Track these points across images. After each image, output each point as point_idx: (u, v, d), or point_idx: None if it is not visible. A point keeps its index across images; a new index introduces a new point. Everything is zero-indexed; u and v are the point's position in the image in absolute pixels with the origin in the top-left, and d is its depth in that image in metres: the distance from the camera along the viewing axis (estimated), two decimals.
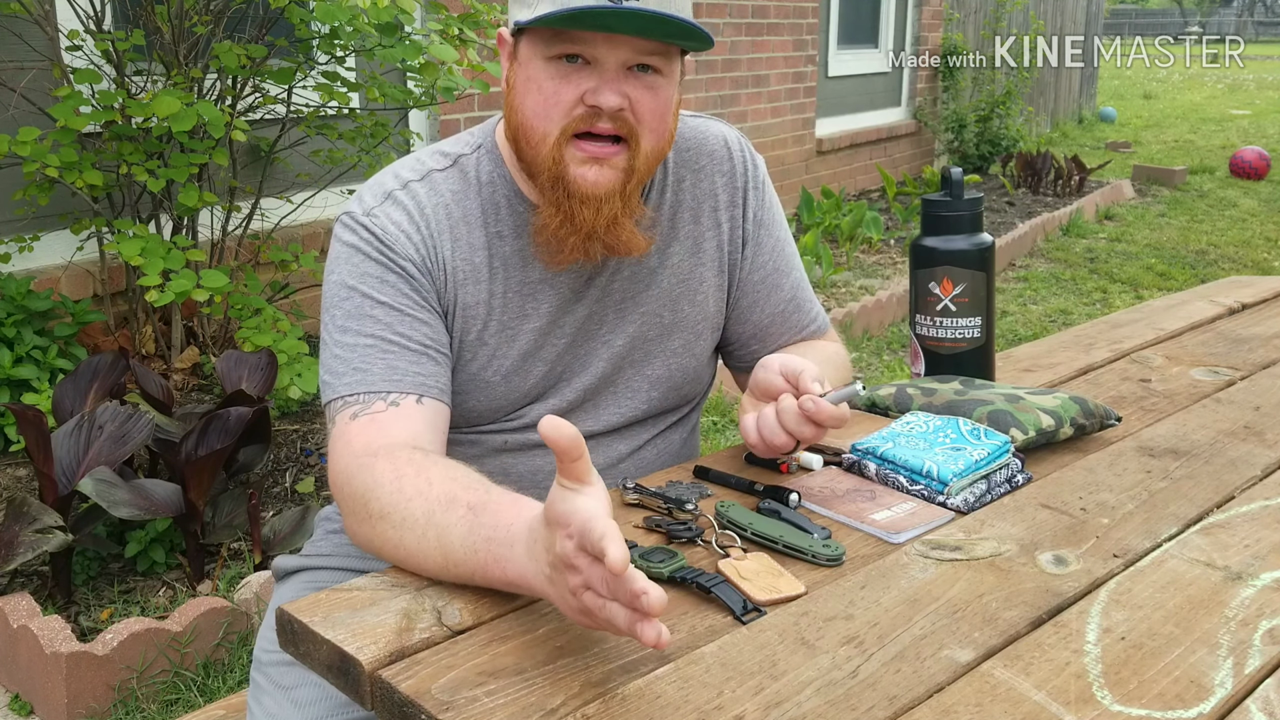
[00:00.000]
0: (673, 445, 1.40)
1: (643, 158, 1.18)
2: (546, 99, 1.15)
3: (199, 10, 2.97)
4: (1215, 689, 0.85)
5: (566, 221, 1.18)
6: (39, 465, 2.25)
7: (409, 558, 1.02)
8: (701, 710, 0.81)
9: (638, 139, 1.17)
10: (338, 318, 1.20)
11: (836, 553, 1.04)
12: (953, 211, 1.49)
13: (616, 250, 1.22)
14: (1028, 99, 9.38)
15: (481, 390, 1.27)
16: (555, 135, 1.16)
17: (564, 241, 1.19)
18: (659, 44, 1.14)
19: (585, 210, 1.17)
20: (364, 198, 1.24)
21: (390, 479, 1.05)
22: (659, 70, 1.16)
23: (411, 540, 1.01)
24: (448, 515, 0.98)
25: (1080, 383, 1.63)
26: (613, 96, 1.13)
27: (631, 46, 1.13)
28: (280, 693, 1.22)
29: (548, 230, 1.20)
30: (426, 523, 1.00)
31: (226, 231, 3.29)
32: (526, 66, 1.17)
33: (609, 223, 1.18)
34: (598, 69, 1.14)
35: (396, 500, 1.03)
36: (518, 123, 1.19)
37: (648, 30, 1.11)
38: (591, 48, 1.13)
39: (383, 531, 1.04)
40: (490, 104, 4.23)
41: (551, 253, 1.22)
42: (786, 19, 6.22)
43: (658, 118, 1.17)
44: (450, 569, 0.98)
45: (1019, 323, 4.86)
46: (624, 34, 1.11)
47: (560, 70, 1.14)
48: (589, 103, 1.14)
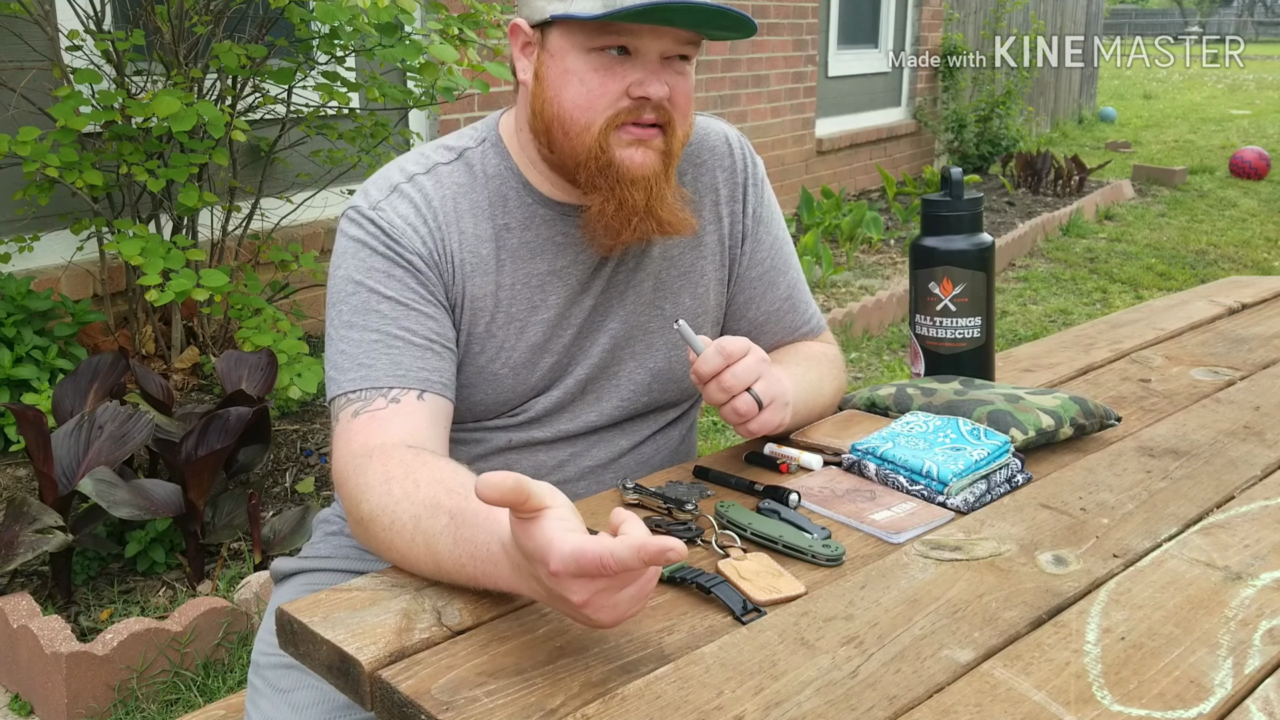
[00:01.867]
0: (672, 441, 1.40)
1: (678, 141, 1.21)
2: (590, 90, 1.16)
3: (199, 10, 2.97)
4: (1215, 689, 0.85)
5: (620, 206, 1.19)
6: (39, 465, 2.25)
7: (402, 560, 1.02)
8: (701, 710, 0.81)
9: (674, 125, 1.19)
10: (344, 313, 1.20)
11: (836, 553, 1.04)
12: (953, 211, 1.49)
13: (669, 229, 1.23)
14: (1028, 99, 9.38)
15: (489, 383, 1.27)
16: (600, 125, 1.17)
17: (624, 225, 1.20)
18: (696, 34, 1.15)
19: (636, 192, 1.19)
20: (369, 191, 1.24)
21: (380, 481, 1.05)
22: (689, 57, 1.19)
23: (401, 544, 1.01)
24: (433, 523, 0.98)
25: (1080, 383, 1.63)
26: (660, 87, 1.16)
27: (674, 37, 1.15)
28: (278, 696, 1.22)
29: (604, 217, 1.20)
30: (414, 529, 1.00)
31: (226, 231, 3.29)
32: (561, 58, 1.17)
33: (660, 201, 1.20)
34: (640, 60, 1.15)
35: (385, 503, 1.03)
36: (553, 114, 1.19)
37: (707, 22, 1.13)
38: (636, 39, 1.14)
39: (375, 533, 1.05)
40: (490, 104, 4.22)
41: (607, 237, 1.22)
42: (786, 19, 6.22)
43: (689, 103, 1.21)
44: (442, 575, 0.99)
45: (1019, 323, 4.86)
46: (683, 27, 1.13)
47: (604, 62, 1.15)
48: (636, 94, 1.15)
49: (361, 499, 1.06)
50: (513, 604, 0.97)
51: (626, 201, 1.19)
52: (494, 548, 0.92)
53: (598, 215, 1.21)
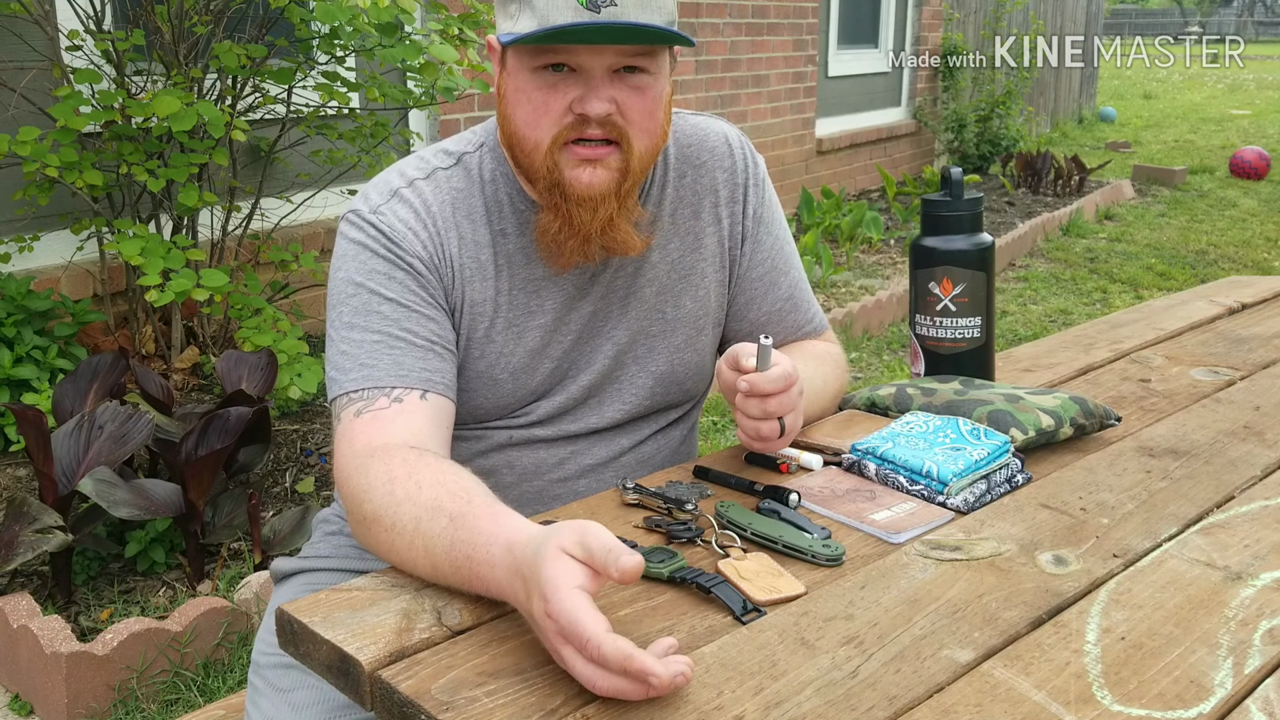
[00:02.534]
0: (673, 441, 1.40)
1: (636, 157, 1.19)
2: (536, 109, 1.16)
3: (199, 10, 2.97)
4: (1215, 689, 0.85)
5: (566, 224, 1.19)
6: (39, 465, 2.25)
7: (401, 562, 1.02)
8: (701, 710, 0.81)
9: (629, 140, 1.17)
10: (344, 314, 1.20)
11: (836, 553, 1.04)
12: (953, 211, 1.49)
13: (614, 250, 1.23)
14: (1028, 99, 9.38)
15: (489, 387, 1.27)
16: (547, 143, 1.16)
17: (564, 244, 1.21)
18: (642, 46, 1.15)
19: (582, 212, 1.18)
20: (370, 196, 1.24)
21: (383, 481, 1.05)
22: (645, 69, 1.16)
23: (401, 545, 1.01)
24: (433, 524, 0.98)
25: (1080, 383, 1.63)
26: (600, 104, 1.14)
27: (615, 51, 1.14)
28: (278, 695, 1.22)
29: (549, 234, 1.21)
30: (414, 530, 1.00)
31: (226, 231, 3.29)
32: (515, 77, 1.17)
33: (605, 224, 1.19)
34: (584, 76, 1.14)
35: (388, 504, 1.03)
36: (510, 131, 1.20)
37: (625, 39, 1.12)
38: (575, 56, 1.13)
39: (376, 534, 1.05)
40: (490, 104, 4.23)
41: (553, 255, 1.23)
42: (786, 19, 6.22)
43: (647, 117, 1.18)
44: (439, 578, 0.99)
45: (1019, 323, 4.86)
46: (612, 43, 1.12)
47: (547, 80, 1.15)
48: (577, 111, 1.15)
49: (364, 499, 1.06)
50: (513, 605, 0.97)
51: (573, 220, 1.19)
52: (494, 550, 0.92)
53: (543, 232, 1.21)
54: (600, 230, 1.19)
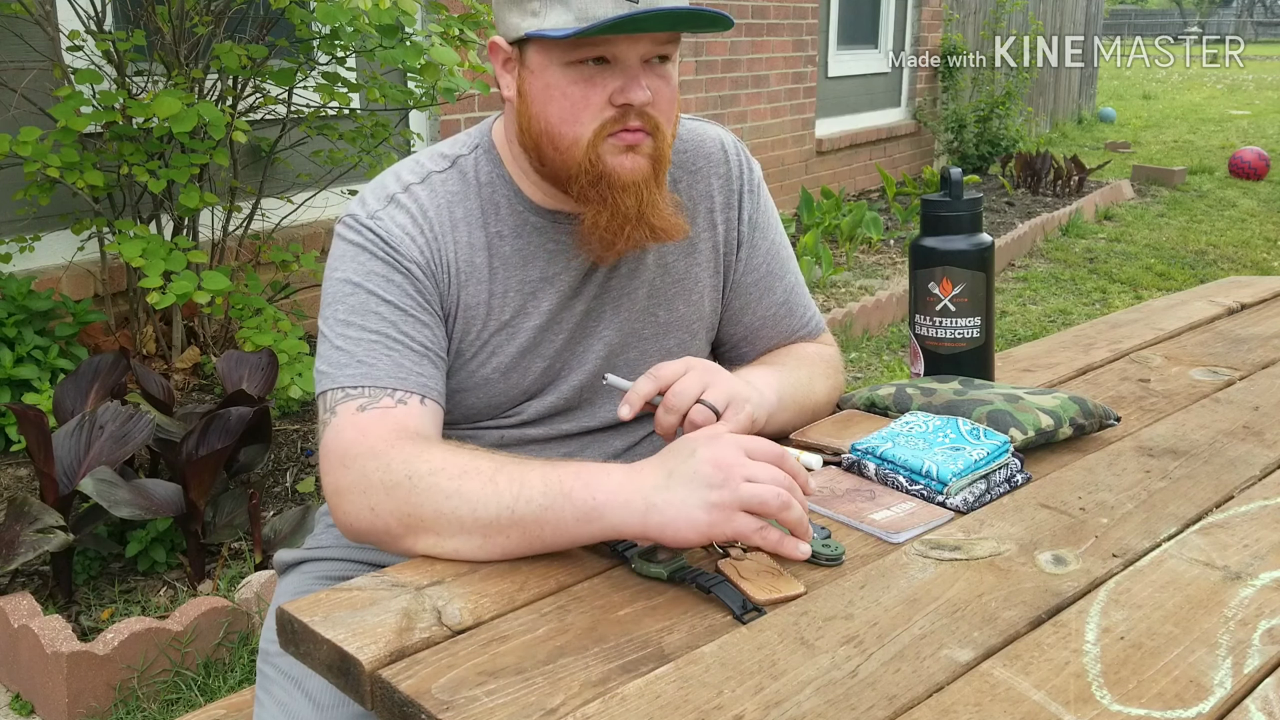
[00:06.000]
0: (667, 443, 1.40)
1: (665, 144, 1.21)
2: (574, 104, 1.15)
3: (200, 11, 2.97)
4: (1214, 689, 0.85)
5: (614, 215, 1.19)
6: (40, 465, 2.25)
7: (456, 508, 1.03)
8: (701, 710, 0.82)
9: (660, 127, 1.19)
10: (340, 312, 1.20)
11: (836, 552, 1.05)
12: (952, 211, 1.49)
13: (662, 235, 1.23)
14: (1027, 99, 9.38)
15: (481, 388, 1.28)
16: (589, 137, 1.17)
17: (618, 234, 1.20)
18: (674, 34, 1.15)
19: (628, 198, 1.18)
20: (366, 200, 1.24)
21: (444, 445, 1.11)
22: (669, 57, 1.18)
23: (474, 486, 1.03)
24: (523, 465, 1.05)
25: (1079, 383, 1.63)
26: (642, 92, 1.15)
27: (651, 39, 1.15)
28: (290, 682, 1.22)
29: (599, 228, 1.20)
30: (495, 470, 1.04)
31: (227, 232, 3.30)
32: (542, 74, 1.17)
33: (651, 207, 1.20)
34: (620, 67, 1.15)
35: (457, 456, 1.07)
36: (541, 130, 1.19)
37: (676, 26, 1.13)
38: (614, 47, 1.14)
39: (432, 484, 1.05)
40: (490, 104, 4.23)
41: (605, 247, 1.23)
42: (786, 19, 6.22)
43: (673, 104, 1.21)
44: (516, 507, 1.02)
45: (1018, 323, 4.86)
46: (659, 31, 1.13)
47: (584, 74, 1.15)
48: (618, 102, 1.15)
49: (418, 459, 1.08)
50: (513, 604, 0.97)
51: (619, 209, 1.19)
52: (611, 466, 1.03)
53: (591, 226, 1.21)
54: (650, 213, 1.20)
